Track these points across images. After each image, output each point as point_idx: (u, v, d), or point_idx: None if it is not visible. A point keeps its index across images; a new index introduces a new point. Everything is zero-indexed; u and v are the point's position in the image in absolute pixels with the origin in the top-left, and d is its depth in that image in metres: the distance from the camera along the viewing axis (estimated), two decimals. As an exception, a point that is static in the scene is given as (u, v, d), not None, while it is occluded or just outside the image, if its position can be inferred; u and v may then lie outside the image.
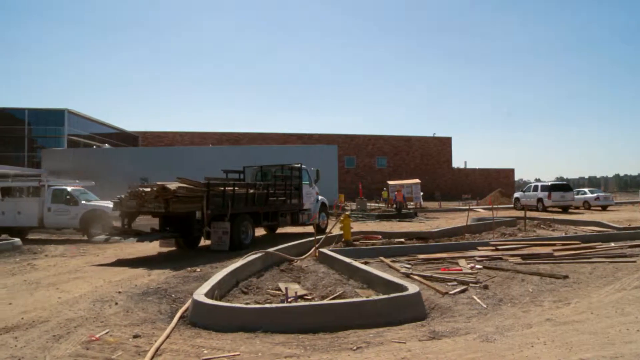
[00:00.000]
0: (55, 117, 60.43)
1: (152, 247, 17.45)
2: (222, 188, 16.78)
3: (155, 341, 6.55)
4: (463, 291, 9.22)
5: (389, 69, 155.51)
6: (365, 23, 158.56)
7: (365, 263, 11.89)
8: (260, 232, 21.72)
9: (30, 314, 8.40)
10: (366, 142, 78.97)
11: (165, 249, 17.09)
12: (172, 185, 15.93)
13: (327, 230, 20.79)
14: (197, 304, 7.63)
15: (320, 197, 23.75)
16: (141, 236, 16.16)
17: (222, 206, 16.50)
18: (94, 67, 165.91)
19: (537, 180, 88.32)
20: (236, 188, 17.29)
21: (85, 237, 21.92)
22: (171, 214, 15.83)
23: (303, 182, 22.05)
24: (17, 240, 18.62)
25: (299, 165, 22.34)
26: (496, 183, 76.61)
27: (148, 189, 16.19)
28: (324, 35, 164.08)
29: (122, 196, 16.87)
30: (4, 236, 21.59)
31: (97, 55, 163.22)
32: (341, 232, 16.92)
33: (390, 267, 11.93)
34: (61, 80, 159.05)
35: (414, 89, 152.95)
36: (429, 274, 10.72)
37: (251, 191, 18.33)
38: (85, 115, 64.92)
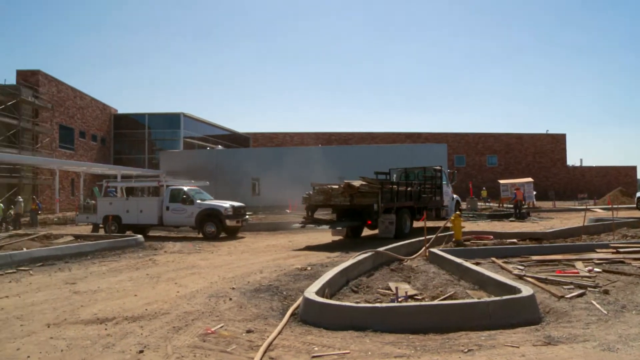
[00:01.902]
0: (172, 121, 63.40)
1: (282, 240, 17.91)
2: (391, 186, 20.59)
3: (268, 337, 6.72)
4: (580, 295, 8.72)
5: (500, 64, 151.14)
6: (475, 18, 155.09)
7: (477, 264, 11.61)
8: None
9: (152, 306, 8.90)
10: (476, 140, 76.98)
11: (336, 237, 20.76)
12: (356, 183, 19.54)
13: (439, 230, 20.67)
14: (308, 301, 7.76)
15: (454, 196, 27.13)
16: (332, 224, 20.11)
17: (391, 200, 20.02)
18: (206, 72, 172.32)
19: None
20: (400, 186, 21.10)
21: (201, 235, 22.85)
22: (354, 206, 19.49)
23: (442, 182, 25.31)
24: (139, 237, 19.73)
25: (439, 167, 25.95)
26: (615, 182, 72.36)
27: (335, 186, 20.03)
28: (431, 31, 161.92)
29: (310, 192, 20.66)
30: (128, 233, 22.90)
31: (208, 59, 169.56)
32: (451, 232, 16.65)
33: (502, 268, 11.59)
34: (177, 86, 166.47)
35: (526, 84, 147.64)
36: (543, 276, 10.29)
37: (409, 189, 21.87)
38: (199, 118, 67.60)
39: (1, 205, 29.97)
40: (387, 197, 19.79)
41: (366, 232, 22.13)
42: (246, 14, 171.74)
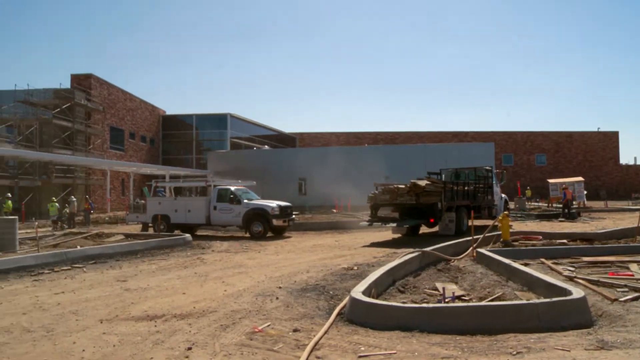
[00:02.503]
0: (219, 122, 64.24)
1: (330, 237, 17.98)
2: (451, 185, 21.53)
3: (314, 336, 6.75)
4: (636, 299, 8.40)
5: (548, 61, 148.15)
6: (521, 14, 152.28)
7: (525, 264, 11.41)
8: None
9: (200, 304, 9.05)
10: (524, 138, 75.33)
11: (396, 235, 21.53)
12: (422, 183, 20.41)
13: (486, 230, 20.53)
14: (354, 301, 7.76)
15: (503, 195, 27.50)
16: (398, 222, 20.67)
17: (452, 199, 20.95)
18: (253, 72, 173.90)
19: None
20: (459, 186, 22.08)
21: (247, 234, 23.06)
22: (418, 205, 20.16)
23: (493, 182, 25.93)
24: (187, 236, 20.05)
25: (489, 167, 26.76)
26: (674, 181, 70.07)
27: (402, 186, 20.83)
28: (478, 28, 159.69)
29: (376, 191, 21.63)
30: (176, 232, 23.29)
31: (254, 59, 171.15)
32: (499, 232, 16.42)
33: (551, 269, 11.36)
34: (224, 87, 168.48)
35: (576, 81, 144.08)
36: (595, 278, 10.03)
37: (466, 188, 22.73)
38: (245, 118, 68.29)
39: (56, 204, 30.85)
40: (448, 196, 20.78)
41: (423, 229, 22.83)
42: (291, 13, 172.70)
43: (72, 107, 43.60)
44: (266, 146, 64.64)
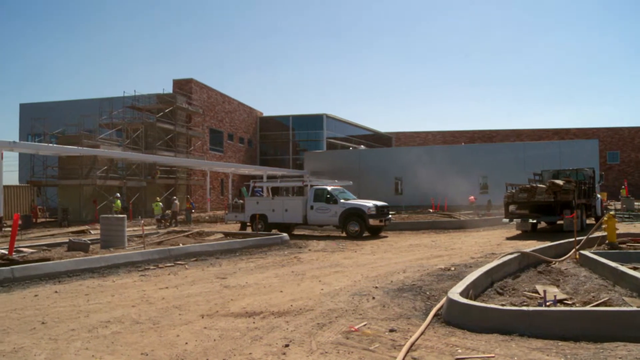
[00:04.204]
0: (315, 122, 64.92)
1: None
2: (580, 184, 22.88)
3: (410, 336, 6.70)
4: None
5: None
6: (619, 9, 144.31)
7: (634, 268, 10.80)
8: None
9: (297, 302, 9.19)
10: (632, 134, 70.78)
11: (520, 231, 22.61)
12: (559, 182, 21.87)
13: (590, 231, 19.76)
14: (451, 302, 7.64)
15: (598, 196, 27.34)
16: (538, 218, 22.27)
17: (578, 197, 22.14)
18: (347, 72, 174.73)
19: None
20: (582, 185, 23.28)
21: (344, 234, 23.16)
22: (557, 202, 21.43)
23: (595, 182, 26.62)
24: (285, 235, 20.36)
25: (591, 168, 26.88)
26: None
27: (542, 185, 22.51)
28: (578, 21, 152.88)
29: (514, 190, 23.01)
30: (274, 231, 23.73)
31: (348, 59, 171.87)
32: (604, 234, 15.63)
33: (664, 274, 10.71)
34: (319, 87, 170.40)
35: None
36: None
37: (583, 187, 23.64)
38: (341, 118, 68.66)
39: (160, 204, 32.21)
40: (575, 195, 21.73)
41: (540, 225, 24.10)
42: (383, 12, 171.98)
43: (174, 110, 45.41)
44: (362, 146, 64.78)
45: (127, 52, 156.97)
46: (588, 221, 23.76)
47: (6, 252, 14.04)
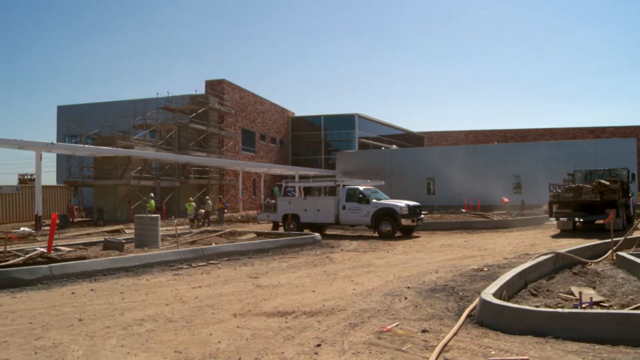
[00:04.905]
0: (346, 122, 64.84)
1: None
2: (620, 184, 22.99)
3: (443, 337, 6.66)
4: None
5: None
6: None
7: (675, 270, 10.57)
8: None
9: (329, 302, 9.19)
10: (673, 132, 69.17)
11: (559, 230, 23.09)
12: (606, 182, 22.31)
13: (628, 231, 19.43)
14: (485, 303, 7.56)
15: (633, 196, 27.71)
16: (585, 217, 22.73)
17: (622, 196, 22.71)
18: (378, 72, 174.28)
19: None
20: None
21: (376, 234, 23.10)
22: (603, 201, 21.73)
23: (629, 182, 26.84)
24: (317, 235, 20.37)
25: (624, 168, 27.03)
26: None
27: (587, 185, 23.02)
28: (615, 17, 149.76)
29: (559, 190, 23.51)
30: (306, 231, 23.78)
31: (379, 59, 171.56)
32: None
33: None
34: (350, 87, 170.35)
35: None
36: None
37: (623, 187, 23.98)
38: (373, 118, 68.49)
39: (193, 204, 32.54)
40: (619, 194, 22.24)
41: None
42: (415, 10, 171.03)
43: (207, 111, 45.77)
44: (394, 146, 64.57)
45: (159, 54, 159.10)
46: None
47: (45, 251, 14.35)
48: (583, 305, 7.87)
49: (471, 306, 8.14)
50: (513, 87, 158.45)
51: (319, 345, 6.54)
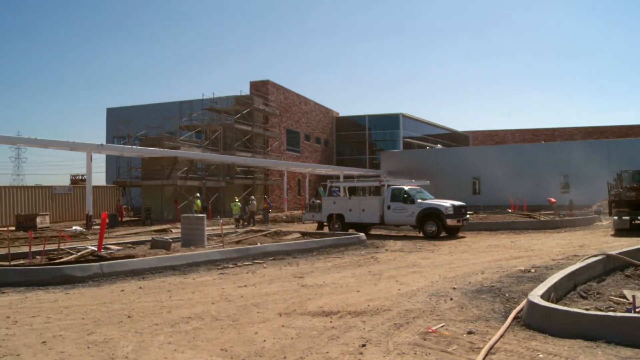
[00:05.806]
0: (391, 122, 64.58)
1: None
2: None
3: (489, 339, 6.57)
4: None
5: None
6: None
7: None
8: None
9: (374, 302, 9.17)
10: None
11: (618, 228, 22.61)
12: None
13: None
14: (532, 305, 7.42)
15: None
16: None
17: None
18: (423, 71, 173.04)
19: None
20: None
21: (421, 234, 22.93)
22: None
23: None
24: (362, 235, 20.33)
25: None
26: None
27: None
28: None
29: (621, 189, 23.21)
30: (351, 231, 23.75)
31: (422, 59, 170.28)
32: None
33: None
34: (395, 87, 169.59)
35: None
36: None
37: None
38: (418, 117, 68.04)
39: (239, 204, 32.86)
40: None
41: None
42: (454, 12, 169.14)
43: (252, 112, 46.19)
44: (439, 145, 64.05)
45: (205, 56, 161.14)
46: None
47: (95, 249, 14.71)
48: (637, 309, 7.65)
49: (518, 308, 8.01)
50: (560, 85, 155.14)
51: (363, 346, 6.53)
